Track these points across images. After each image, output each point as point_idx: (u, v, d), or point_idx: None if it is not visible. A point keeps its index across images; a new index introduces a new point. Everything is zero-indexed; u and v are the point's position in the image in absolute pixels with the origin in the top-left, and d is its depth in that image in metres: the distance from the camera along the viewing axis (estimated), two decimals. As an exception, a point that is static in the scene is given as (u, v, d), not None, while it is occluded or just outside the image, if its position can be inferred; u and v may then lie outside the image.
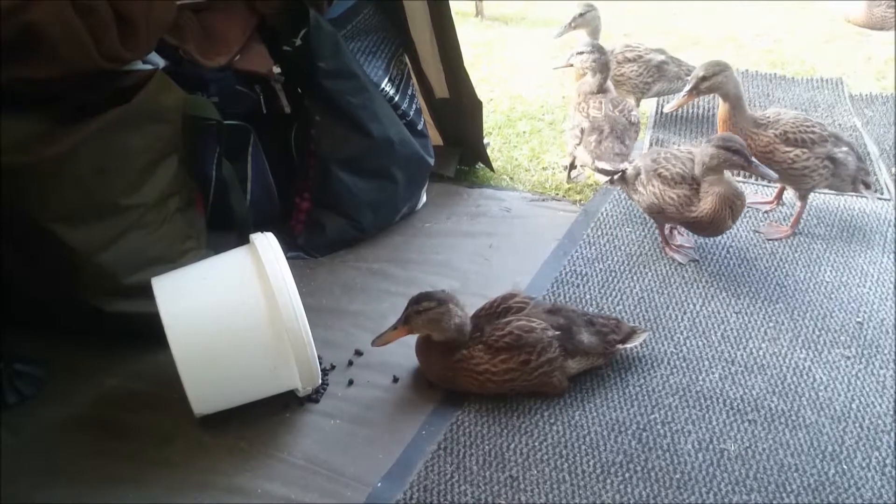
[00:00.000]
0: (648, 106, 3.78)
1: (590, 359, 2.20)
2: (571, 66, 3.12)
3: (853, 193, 2.88)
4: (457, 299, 2.15)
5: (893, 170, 3.18)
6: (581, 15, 3.39)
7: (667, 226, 2.78)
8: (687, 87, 2.78)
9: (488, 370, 2.12)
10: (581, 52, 3.05)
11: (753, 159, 2.43)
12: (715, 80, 2.72)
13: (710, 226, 2.51)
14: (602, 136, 2.95)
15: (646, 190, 2.61)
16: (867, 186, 2.80)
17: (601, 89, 3.06)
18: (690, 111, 3.69)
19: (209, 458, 2.03)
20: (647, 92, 3.50)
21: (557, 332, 2.14)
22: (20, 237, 2.18)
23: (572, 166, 3.18)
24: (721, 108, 2.78)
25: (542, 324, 2.15)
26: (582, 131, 2.99)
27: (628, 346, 2.23)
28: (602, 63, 3.04)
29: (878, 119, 3.60)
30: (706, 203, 2.46)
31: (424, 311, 2.11)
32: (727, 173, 2.47)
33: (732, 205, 2.45)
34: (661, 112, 3.70)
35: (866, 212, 2.93)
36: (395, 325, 2.14)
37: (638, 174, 2.67)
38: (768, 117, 2.78)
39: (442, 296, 2.13)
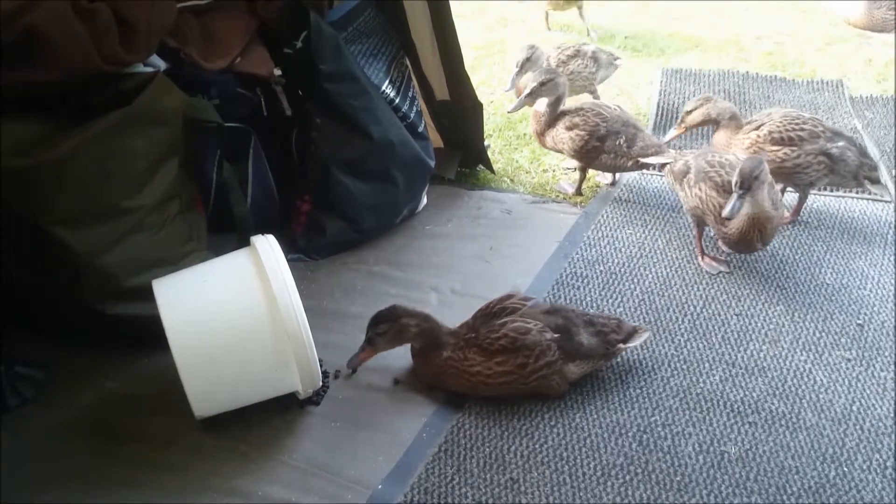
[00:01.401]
0: (648, 107, 3.79)
1: (591, 361, 2.18)
2: (530, 104, 3.03)
3: (858, 190, 2.88)
4: (409, 309, 2.19)
5: (894, 172, 3.18)
6: (528, 59, 3.30)
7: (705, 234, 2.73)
8: (678, 123, 2.97)
9: (481, 372, 2.11)
10: (542, 84, 2.93)
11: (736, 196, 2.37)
12: (698, 111, 2.88)
13: (738, 244, 2.49)
14: (629, 136, 2.94)
15: (691, 192, 2.60)
16: (873, 182, 2.80)
17: (556, 111, 2.99)
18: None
19: (210, 460, 2.03)
20: (595, 81, 3.59)
21: (556, 335, 2.13)
22: (21, 240, 2.18)
23: (584, 178, 3.14)
24: (716, 133, 2.90)
25: (538, 325, 2.13)
26: (600, 139, 2.93)
27: (630, 345, 2.22)
28: (552, 86, 2.95)
29: (879, 121, 3.60)
30: (735, 222, 2.43)
31: (383, 332, 2.17)
32: (763, 193, 2.38)
33: (762, 228, 2.41)
34: (662, 114, 3.70)
35: (867, 214, 2.93)
36: (361, 349, 2.20)
37: (687, 172, 2.64)
38: (755, 119, 2.84)
39: (392, 313, 2.18)
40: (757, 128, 2.81)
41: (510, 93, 3.45)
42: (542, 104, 3.02)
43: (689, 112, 2.91)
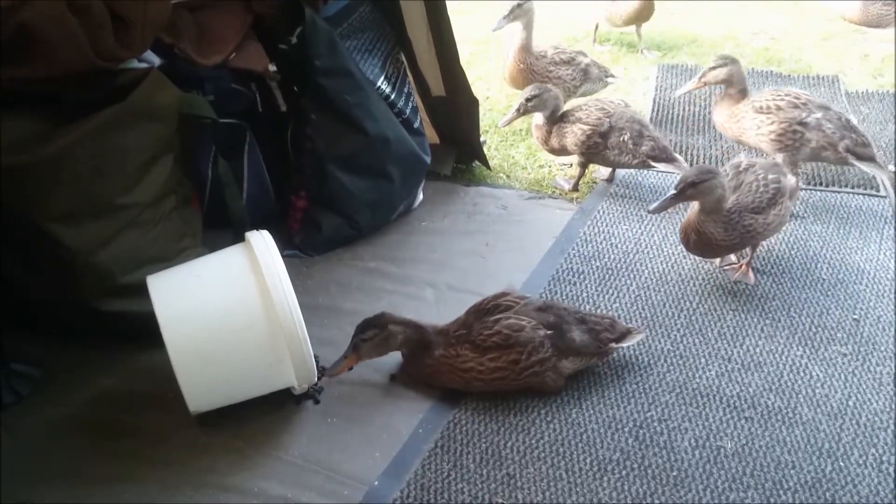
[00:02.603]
0: (644, 105, 3.79)
1: (584, 358, 2.18)
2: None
3: (845, 167, 2.98)
4: (396, 317, 2.17)
5: (890, 167, 3.18)
6: (519, 6, 3.38)
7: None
8: (698, 78, 3.02)
9: (474, 368, 2.11)
10: (528, 99, 2.98)
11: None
12: (722, 69, 2.93)
13: (682, 241, 2.54)
14: (634, 133, 2.94)
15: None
16: (860, 158, 2.86)
17: (554, 119, 3.03)
18: (687, 110, 3.69)
19: (206, 456, 2.02)
20: (575, 93, 3.54)
21: (549, 332, 2.13)
22: (16, 237, 2.17)
23: (582, 175, 3.14)
24: (721, 101, 2.98)
25: (531, 322, 2.13)
26: (602, 136, 2.96)
27: (623, 345, 2.22)
28: (538, 102, 2.99)
29: (875, 116, 3.60)
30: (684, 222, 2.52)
31: (370, 339, 2.14)
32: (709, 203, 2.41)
33: (699, 235, 2.43)
34: (658, 110, 3.70)
35: (863, 209, 2.94)
36: (345, 355, 2.15)
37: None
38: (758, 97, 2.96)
39: (380, 321, 2.15)
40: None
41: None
42: (539, 117, 3.05)
43: (713, 69, 2.95)
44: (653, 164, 2.94)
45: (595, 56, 3.86)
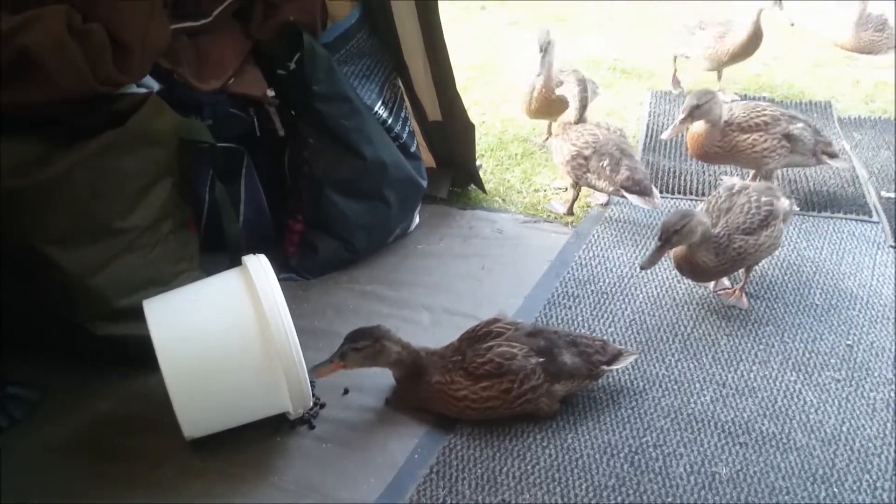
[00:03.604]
0: (638, 129, 3.81)
1: (576, 381, 2.18)
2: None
3: (817, 167, 3.16)
4: (390, 333, 2.15)
5: (883, 192, 3.21)
6: (549, 43, 3.29)
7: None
8: (681, 116, 2.91)
9: (468, 397, 2.11)
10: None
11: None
12: (705, 106, 2.89)
13: (679, 268, 2.57)
14: (613, 160, 2.95)
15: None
16: (830, 156, 3.04)
17: (579, 120, 3.09)
18: (680, 135, 3.70)
19: (200, 481, 2.02)
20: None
21: (541, 359, 2.13)
22: (13, 259, 2.17)
23: (576, 198, 3.16)
24: (696, 129, 2.98)
25: (523, 349, 2.13)
26: (585, 158, 2.99)
27: (615, 367, 2.22)
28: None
29: (867, 142, 3.63)
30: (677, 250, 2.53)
31: (361, 349, 2.11)
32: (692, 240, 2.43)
33: (691, 264, 2.47)
34: (651, 135, 3.73)
35: (856, 234, 2.96)
36: (330, 359, 2.12)
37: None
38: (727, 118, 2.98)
39: (377, 333, 2.13)
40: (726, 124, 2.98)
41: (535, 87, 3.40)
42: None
43: (699, 107, 2.88)
44: (625, 194, 2.94)
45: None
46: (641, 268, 2.44)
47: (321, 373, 2.12)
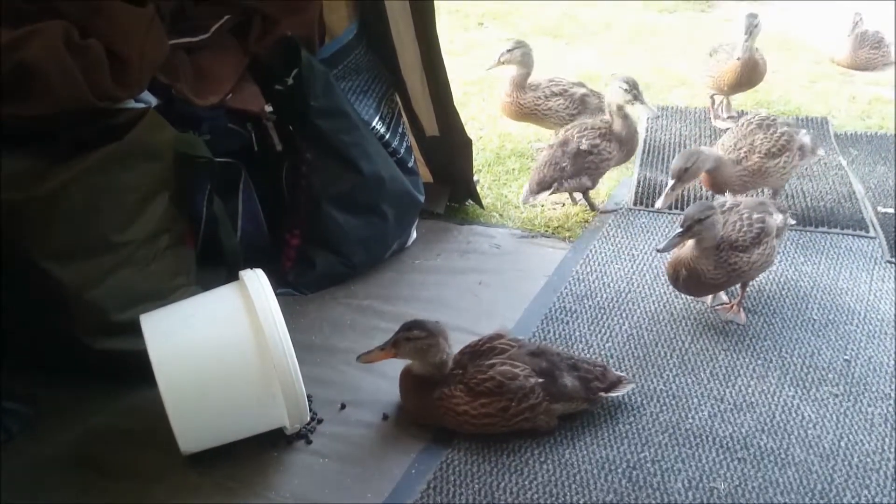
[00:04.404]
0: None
1: (574, 403, 2.18)
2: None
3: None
4: (447, 334, 2.15)
5: (879, 208, 3.21)
6: (509, 51, 3.53)
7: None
8: (672, 183, 2.77)
9: (467, 412, 2.11)
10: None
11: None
12: (695, 167, 2.78)
13: (670, 278, 2.57)
14: (544, 163, 3.15)
15: None
16: (814, 151, 3.16)
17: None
18: (678, 150, 3.72)
19: (196, 497, 2.01)
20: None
21: (541, 380, 2.12)
22: (10, 273, 2.17)
23: (590, 199, 3.30)
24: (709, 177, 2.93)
25: (525, 369, 2.13)
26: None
27: (613, 395, 2.22)
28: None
29: (863, 158, 3.65)
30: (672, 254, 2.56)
31: (414, 338, 2.10)
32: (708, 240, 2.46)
33: (689, 271, 2.47)
34: (649, 150, 3.74)
35: (853, 249, 2.96)
36: (382, 346, 2.12)
37: None
38: (740, 152, 2.96)
39: (434, 327, 2.12)
40: (742, 158, 2.94)
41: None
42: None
43: (686, 170, 2.76)
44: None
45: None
46: (659, 250, 2.47)
47: (372, 359, 2.12)
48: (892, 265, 2.86)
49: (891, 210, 3.19)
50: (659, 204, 2.82)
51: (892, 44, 4.62)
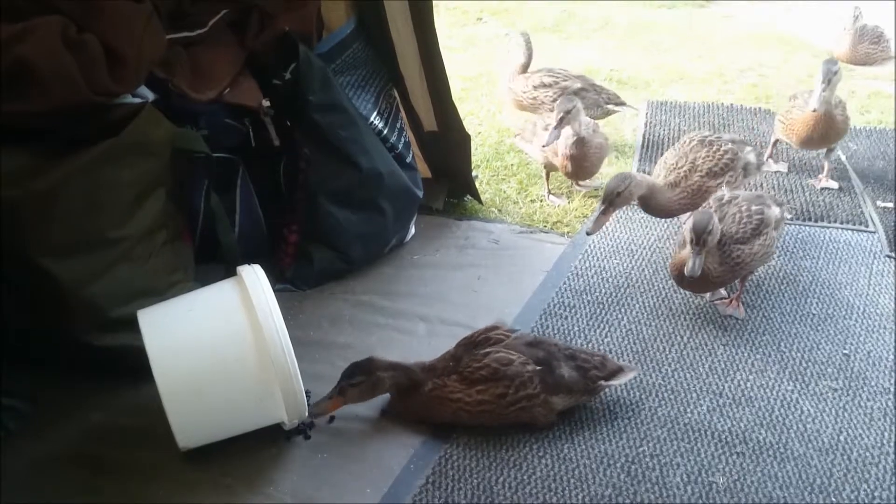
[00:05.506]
0: (634, 140, 3.82)
1: (574, 395, 2.17)
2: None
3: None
4: (384, 362, 2.15)
5: (879, 202, 3.21)
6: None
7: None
8: (601, 207, 2.62)
9: (462, 399, 2.11)
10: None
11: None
12: (627, 192, 2.62)
13: (675, 278, 2.56)
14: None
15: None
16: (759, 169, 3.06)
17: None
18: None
19: (194, 493, 2.00)
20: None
21: (538, 368, 2.12)
22: (7, 269, 2.17)
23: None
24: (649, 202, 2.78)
25: (521, 357, 2.13)
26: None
27: (613, 383, 2.21)
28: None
29: (862, 152, 3.64)
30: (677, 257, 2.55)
31: (357, 384, 2.12)
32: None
33: (680, 273, 2.45)
34: (647, 146, 3.74)
35: (852, 244, 2.96)
36: (329, 395, 2.13)
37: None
38: (680, 171, 2.82)
39: (370, 366, 2.13)
40: (682, 178, 2.81)
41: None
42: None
43: (619, 193, 2.60)
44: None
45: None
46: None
47: (322, 411, 2.13)
48: (892, 260, 2.86)
49: (890, 205, 3.18)
50: (588, 229, 2.68)
51: (892, 38, 4.62)
